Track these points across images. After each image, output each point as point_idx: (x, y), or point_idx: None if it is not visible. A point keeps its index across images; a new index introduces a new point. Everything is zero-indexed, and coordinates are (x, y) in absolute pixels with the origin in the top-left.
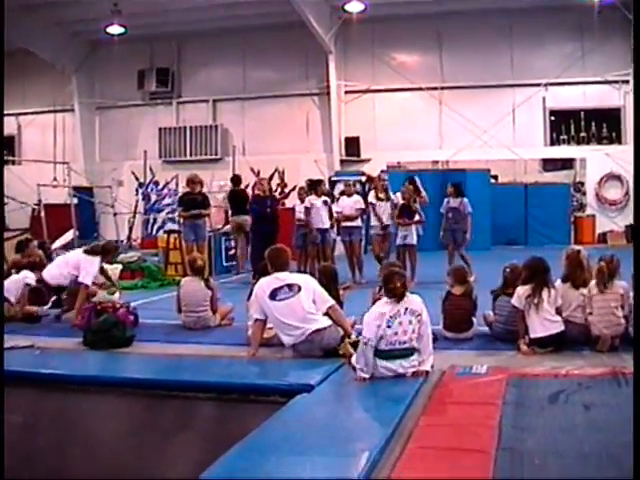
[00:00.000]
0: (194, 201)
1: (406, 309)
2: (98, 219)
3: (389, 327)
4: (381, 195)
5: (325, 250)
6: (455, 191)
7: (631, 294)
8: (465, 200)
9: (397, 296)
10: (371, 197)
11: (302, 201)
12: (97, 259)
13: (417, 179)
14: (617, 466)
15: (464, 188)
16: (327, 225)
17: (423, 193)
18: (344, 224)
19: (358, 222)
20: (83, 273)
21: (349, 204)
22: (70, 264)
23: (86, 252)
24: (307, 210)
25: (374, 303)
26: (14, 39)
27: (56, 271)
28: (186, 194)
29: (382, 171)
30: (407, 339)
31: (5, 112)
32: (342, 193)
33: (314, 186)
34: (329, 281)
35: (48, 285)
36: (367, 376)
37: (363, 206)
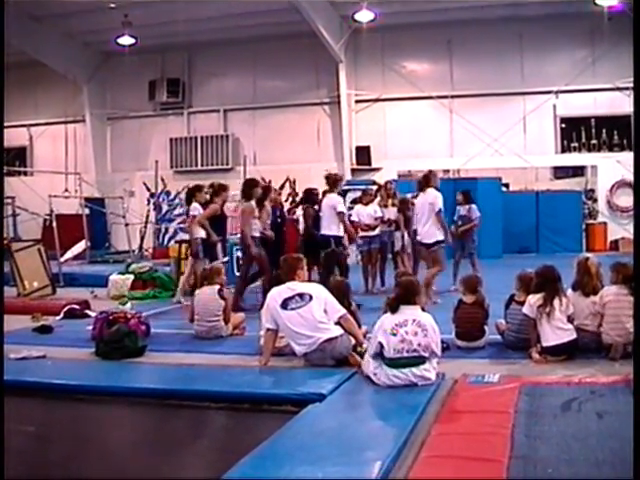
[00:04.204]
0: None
1: (414, 320)
2: (110, 229)
3: (394, 335)
4: (382, 202)
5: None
6: (464, 198)
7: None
8: (473, 206)
9: (391, 308)
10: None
11: None
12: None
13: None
14: (630, 474)
15: (475, 196)
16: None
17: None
18: (363, 233)
19: (377, 231)
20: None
21: (369, 213)
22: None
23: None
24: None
25: (385, 312)
26: (26, 50)
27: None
28: None
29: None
30: (416, 347)
31: (17, 123)
32: (358, 201)
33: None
34: (342, 295)
35: None
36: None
37: (382, 214)
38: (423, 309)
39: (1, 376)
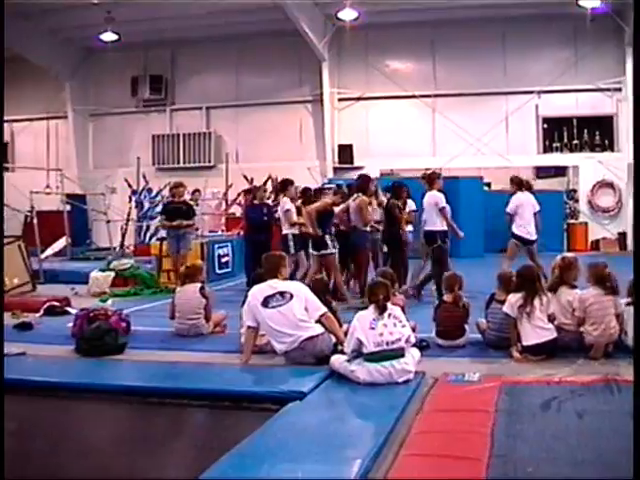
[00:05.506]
0: (178, 210)
1: (389, 314)
2: (91, 226)
3: (373, 329)
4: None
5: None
6: None
7: (622, 301)
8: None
9: (379, 308)
10: None
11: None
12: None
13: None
14: (610, 473)
15: (457, 195)
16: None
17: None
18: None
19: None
20: None
21: None
22: None
23: None
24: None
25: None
26: (8, 45)
27: None
28: (170, 203)
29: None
30: (395, 339)
31: None
32: None
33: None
34: (320, 293)
35: None
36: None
37: None
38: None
39: (1, 376)
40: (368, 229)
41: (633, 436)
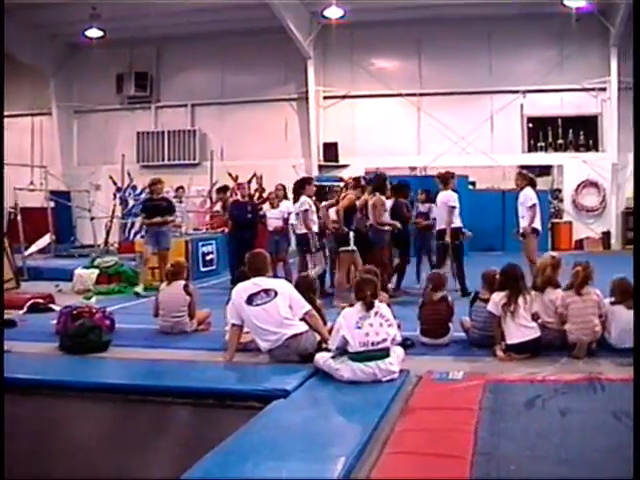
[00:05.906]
0: (157, 207)
1: (376, 313)
2: (75, 223)
3: (359, 328)
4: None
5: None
6: (426, 197)
7: (605, 301)
8: (433, 206)
9: (367, 304)
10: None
11: (273, 206)
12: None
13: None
14: (593, 471)
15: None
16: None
17: None
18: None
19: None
20: None
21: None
22: None
23: None
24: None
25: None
26: None
27: None
28: (149, 199)
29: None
30: (380, 340)
31: None
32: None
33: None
34: (305, 291)
35: None
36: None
37: None
38: (380, 301)
39: (1, 375)
40: (385, 228)
41: (633, 435)
